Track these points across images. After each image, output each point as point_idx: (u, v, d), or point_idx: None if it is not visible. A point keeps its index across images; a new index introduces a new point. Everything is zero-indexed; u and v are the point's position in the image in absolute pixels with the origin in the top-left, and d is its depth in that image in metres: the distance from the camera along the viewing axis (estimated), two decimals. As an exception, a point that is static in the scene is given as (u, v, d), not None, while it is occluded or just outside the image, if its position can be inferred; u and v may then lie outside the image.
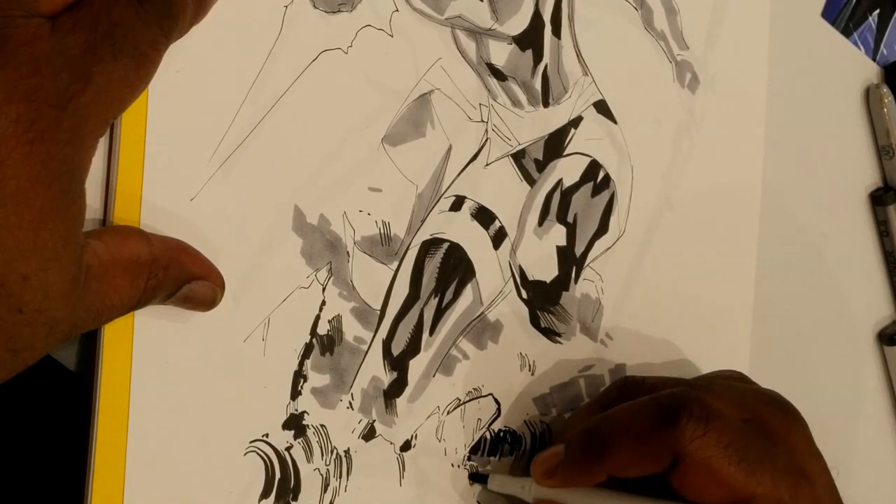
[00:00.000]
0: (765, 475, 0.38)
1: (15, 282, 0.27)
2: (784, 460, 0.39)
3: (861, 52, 0.63)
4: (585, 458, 0.40)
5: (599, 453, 0.40)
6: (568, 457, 0.41)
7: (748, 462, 0.38)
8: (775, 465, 0.39)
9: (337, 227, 0.39)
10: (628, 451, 0.39)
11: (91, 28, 0.29)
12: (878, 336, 0.65)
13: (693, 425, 0.38)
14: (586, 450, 0.40)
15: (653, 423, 0.39)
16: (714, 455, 0.38)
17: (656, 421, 0.39)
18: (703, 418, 0.38)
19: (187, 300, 0.33)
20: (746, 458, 0.38)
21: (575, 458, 0.41)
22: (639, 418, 0.40)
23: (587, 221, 0.47)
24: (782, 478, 0.38)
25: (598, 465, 0.40)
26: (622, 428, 0.40)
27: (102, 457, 0.33)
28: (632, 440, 0.39)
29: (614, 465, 0.40)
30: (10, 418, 0.35)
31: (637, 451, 0.39)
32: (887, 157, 0.64)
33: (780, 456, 0.39)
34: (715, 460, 0.38)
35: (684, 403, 0.39)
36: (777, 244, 0.57)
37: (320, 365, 0.38)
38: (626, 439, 0.39)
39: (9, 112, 0.27)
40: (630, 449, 0.39)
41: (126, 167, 0.33)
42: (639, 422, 0.39)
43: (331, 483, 0.39)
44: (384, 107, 0.40)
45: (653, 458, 0.39)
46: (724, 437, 0.38)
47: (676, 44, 0.51)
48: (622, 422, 0.40)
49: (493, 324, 0.44)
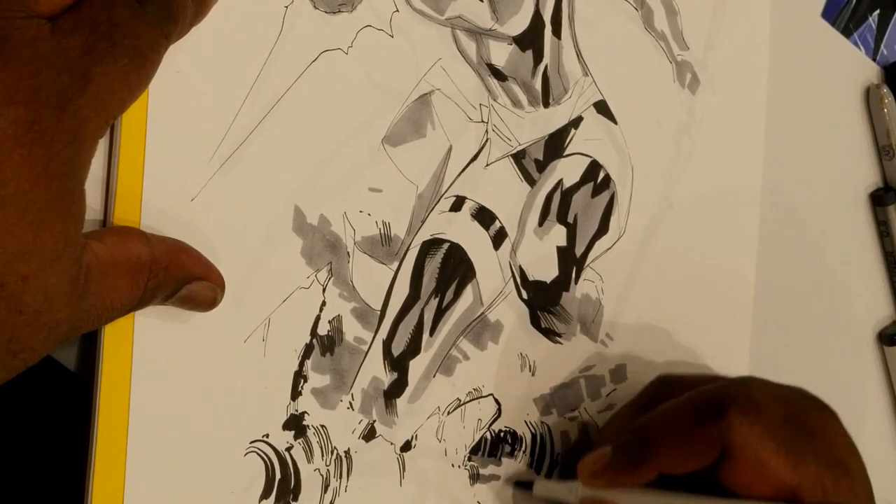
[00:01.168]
0: (809, 465, 0.39)
1: (15, 283, 0.27)
2: (825, 451, 0.40)
3: (861, 52, 0.63)
4: (634, 458, 0.41)
5: (648, 452, 0.40)
6: (616, 457, 0.41)
7: (794, 453, 0.39)
8: (818, 456, 0.39)
9: (337, 228, 0.39)
10: (677, 447, 0.40)
11: (91, 29, 0.28)
12: (878, 336, 0.65)
13: (740, 418, 0.39)
14: (635, 449, 0.41)
15: (700, 418, 0.39)
16: (761, 446, 0.38)
17: (703, 415, 0.39)
18: (749, 411, 0.39)
19: (187, 301, 0.33)
20: (792, 449, 0.39)
21: (623, 458, 0.41)
22: (685, 413, 0.40)
23: (587, 222, 0.47)
24: (824, 468, 0.39)
25: (648, 464, 0.40)
26: (669, 425, 0.40)
27: (102, 457, 0.33)
28: (680, 436, 0.40)
29: (664, 463, 0.40)
30: (10, 418, 0.35)
31: (686, 447, 0.40)
32: (887, 157, 0.64)
33: (821, 447, 0.40)
34: (762, 451, 0.38)
35: (730, 397, 0.39)
36: (777, 244, 0.57)
37: (320, 365, 0.38)
38: (674, 435, 0.40)
39: (8, 113, 0.27)
40: (679, 445, 0.40)
41: (126, 167, 0.33)
42: (685, 418, 0.40)
43: (331, 483, 0.39)
44: (384, 107, 0.40)
45: (701, 452, 0.39)
46: (770, 428, 0.39)
47: (677, 44, 0.51)
48: (670, 419, 0.41)
49: (493, 324, 0.44)
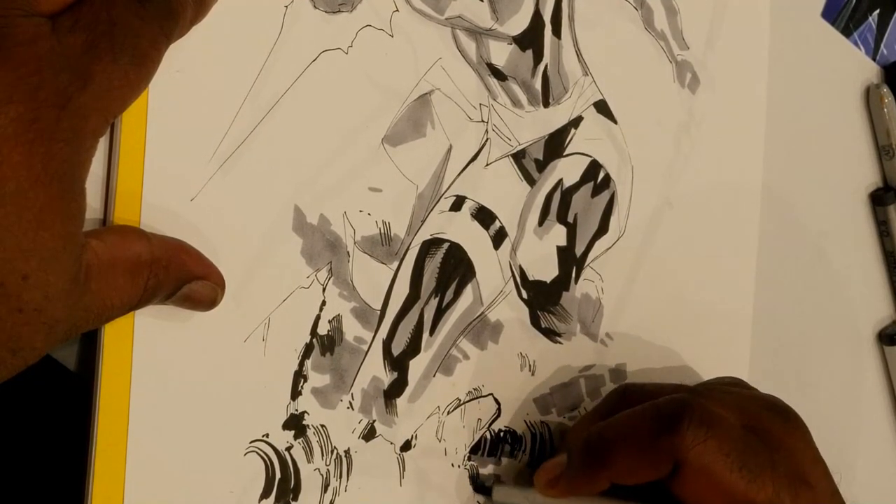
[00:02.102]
0: (766, 481, 0.38)
1: (14, 281, 0.27)
2: (785, 466, 0.39)
3: (861, 52, 0.63)
4: (587, 467, 0.40)
5: (601, 461, 0.40)
6: (570, 466, 0.41)
7: (749, 468, 0.38)
8: (776, 472, 0.38)
9: (337, 227, 0.39)
10: (629, 459, 0.39)
11: (91, 27, 0.29)
12: (878, 336, 0.65)
13: (693, 431, 0.38)
14: (588, 458, 0.40)
15: (653, 430, 0.39)
16: (715, 461, 0.38)
17: (657, 428, 0.39)
18: (704, 424, 0.38)
19: (187, 300, 0.33)
20: (747, 465, 0.38)
21: (577, 467, 0.41)
22: (639, 425, 0.39)
23: (587, 221, 0.47)
24: (783, 484, 0.38)
25: (600, 474, 0.40)
26: (623, 435, 0.40)
27: (102, 457, 0.33)
28: (633, 447, 0.39)
29: (616, 473, 0.40)
30: (10, 418, 0.35)
31: (638, 459, 0.39)
32: (887, 157, 0.64)
33: (780, 462, 0.39)
34: (715, 467, 0.38)
35: (685, 409, 0.39)
36: (777, 244, 0.57)
37: (320, 365, 0.38)
38: (626, 447, 0.39)
39: (9, 111, 0.26)
40: (631, 456, 0.39)
41: (126, 167, 0.33)
42: (639, 429, 0.39)
43: (331, 483, 0.39)
44: (384, 107, 0.40)
45: (654, 464, 0.39)
46: (724, 443, 0.38)
47: (676, 44, 0.51)
48: (623, 429, 0.40)
49: (493, 324, 0.44)
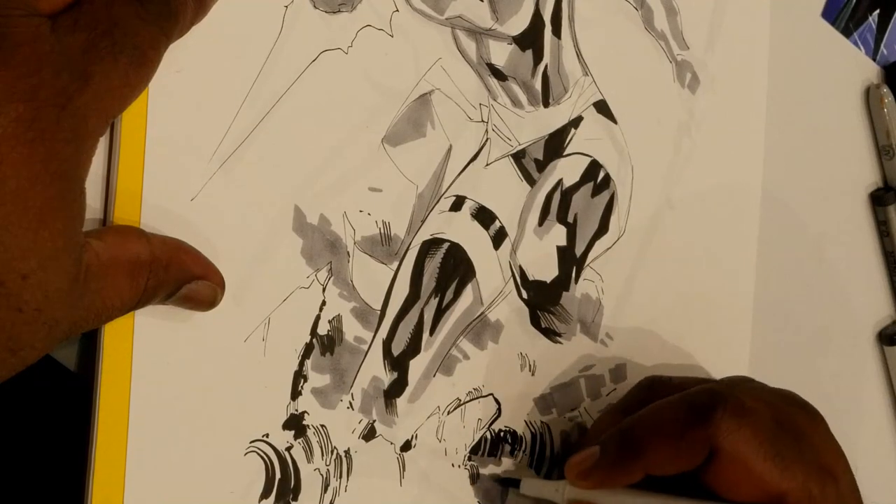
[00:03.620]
0: (796, 471, 0.38)
1: (14, 281, 0.27)
2: (812, 457, 0.40)
3: (861, 52, 0.63)
4: (622, 458, 0.41)
5: (636, 452, 0.40)
6: (604, 457, 0.41)
7: (781, 457, 0.38)
8: (805, 462, 0.39)
9: (337, 227, 0.39)
10: (665, 449, 0.40)
11: (91, 27, 0.29)
12: (878, 336, 0.65)
13: (728, 420, 0.38)
14: (622, 449, 0.41)
15: (688, 420, 0.39)
16: (749, 450, 0.38)
17: (692, 417, 0.39)
18: (738, 414, 0.39)
19: (187, 300, 0.33)
20: (780, 454, 0.38)
21: (611, 459, 0.41)
22: (674, 415, 0.40)
23: (587, 221, 0.47)
24: (812, 474, 0.39)
25: (635, 465, 0.40)
26: (658, 426, 0.40)
27: (102, 457, 0.33)
28: (668, 437, 0.39)
29: (651, 464, 0.40)
30: (10, 418, 0.35)
31: (673, 448, 0.39)
32: (887, 157, 0.64)
33: (808, 453, 0.40)
34: (749, 455, 0.38)
35: (719, 399, 0.39)
36: (777, 244, 0.57)
37: (320, 365, 0.38)
38: (662, 437, 0.40)
39: (9, 111, 0.26)
40: (666, 446, 0.39)
41: (126, 167, 0.33)
42: (674, 418, 0.40)
43: (331, 483, 0.39)
44: (384, 107, 0.40)
45: (689, 454, 0.39)
46: (758, 432, 0.39)
47: (676, 44, 0.51)
48: (657, 420, 0.40)
49: (493, 324, 0.44)
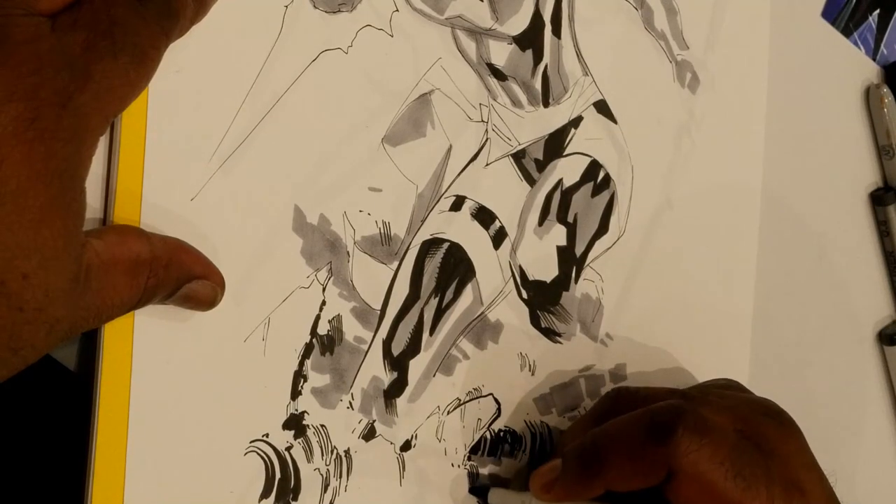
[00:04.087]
0: (760, 489, 0.38)
1: (15, 280, 0.27)
2: (779, 473, 0.39)
3: (861, 52, 0.63)
4: (582, 474, 0.40)
5: (595, 468, 0.40)
6: (565, 472, 0.41)
7: (743, 476, 0.38)
8: (770, 479, 0.38)
9: (337, 227, 0.39)
10: (623, 466, 0.39)
11: (91, 26, 0.29)
12: (878, 336, 0.65)
13: (687, 439, 0.38)
14: (582, 465, 0.40)
15: (647, 438, 0.38)
16: (709, 470, 0.37)
17: (650, 435, 0.38)
18: (698, 432, 0.38)
19: (187, 300, 0.33)
20: (742, 473, 0.38)
21: (572, 473, 0.40)
22: (633, 433, 0.39)
23: (587, 221, 0.47)
24: (777, 491, 0.38)
25: (595, 480, 0.40)
26: (616, 443, 0.39)
27: (102, 457, 0.33)
28: (626, 455, 0.39)
29: (610, 480, 0.39)
30: (10, 418, 0.35)
31: (632, 466, 0.39)
32: (887, 157, 0.64)
33: (775, 468, 0.39)
34: (710, 475, 0.37)
35: (678, 417, 0.38)
36: (777, 244, 0.57)
37: (320, 365, 0.38)
38: (620, 454, 0.39)
39: (9, 110, 0.27)
40: (625, 464, 0.39)
41: (126, 167, 0.33)
42: (633, 436, 0.39)
43: (331, 483, 0.39)
44: (384, 107, 0.40)
45: (648, 472, 0.38)
46: (719, 451, 0.38)
47: (676, 44, 0.51)
48: (616, 436, 0.40)
49: (493, 324, 0.44)
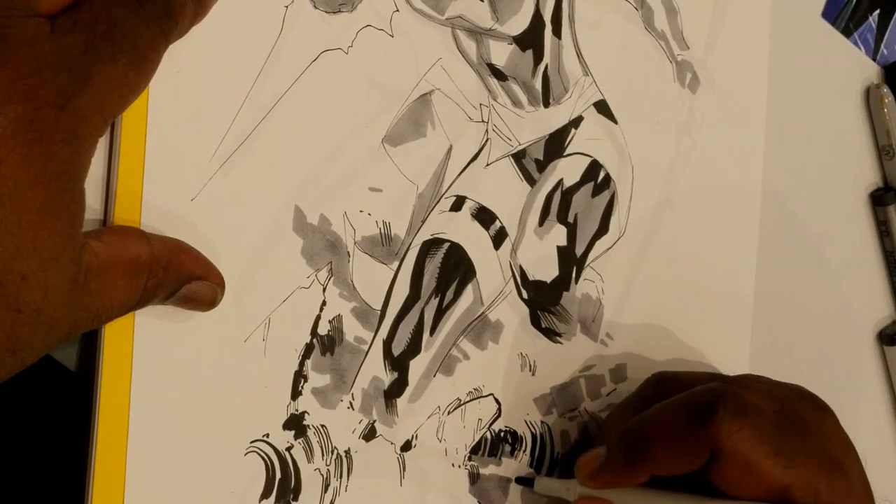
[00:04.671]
0: (801, 467, 0.38)
1: (13, 281, 0.27)
2: (819, 451, 0.39)
3: (861, 52, 0.63)
4: (627, 460, 0.41)
5: (640, 454, 0.40)
6: (610, 458, 0.41)
7: (784, 455, 0.38)
8: (811, 457, 0.39)
9: (337, 228, 0.39)
10: (668, 451, 0.39)
11: (90, 28, 0.29)
12: (878, 336, 0.65)
13: (729, 420, 0.38)
14: (627, 451, 0.41)
15: (690, 421, 0.39)
16: (751, 449, 0.38)
17: (693, 418, 0.39)
18: (739, 413, 0.38)
19: (187, 300, 0.33)
20: (783, 451, 0.38)
21: (617, 460, 0.41)
22: (676, 417, 0.40)
23: (588, 221, 0.47)
24: (818, 469, 0.39)
25: (640, 466, 0.40)
26: (660, 428, 0.40)
27: (102, 457, 0.33)
28: (671, 439, 0.39)
29: (655, 465, 0.40)
30: (10, 418, 0.35)
31: (676, 450, 0.39)
32: (887, 157, 0.64)
33: (814, 447, 0.39)
34: (752, 454, 0.38)
35: (720, 399, 0.39)
36: (777, 244, 0.57)
37: (321, 365, 0.38)
38: (665, 438, 0.40)
39: (8, 112, 0.26)
40: (669, 448, 0.39)
41: (126, 167, 0.33)
42: (676, 420, 0.40)
43: (331, 483, 0.39)
44: (384, 107, 0.40)
45: (692, 455, 0.39)
46: (759, 430, 0.38)
47: (677, 44, 0.51)
48: (660, 421, 0.40)
49: (493, 324, 0.44)
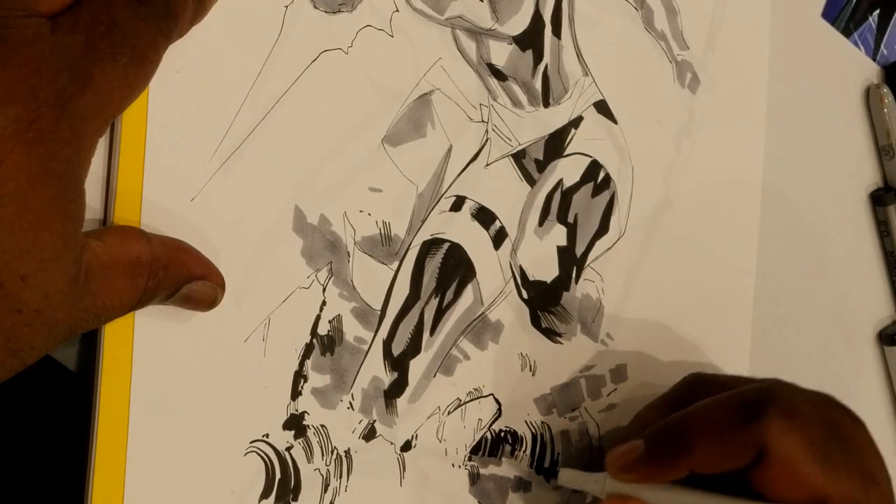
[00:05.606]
0: (842, 476, 0.38)
1: (14, 282, 0.27)
2: (857, 462, 0.39)
3: (861, 52, 0.63)
4: (668, 453, 0.40)
5: (684, 448, 0.40)
6: (649, 451, 0.40)
7: (828, 461, 0.38)
8: (851, 467, 0.39)
9: (337, 228, 0.39)
10: (714, 446, 0.39)
11: (90, 28, 0.29)
12: (878, 336, 0.65)
13: (779, 420, 0.38)
14: (669, 444, 0.40)
15: (738, 418, 0.39)
16: (798, 452, 0.38)
17: (742, 415, 0.39)
18: (789, 414, 0.38)
19: (187, 300, 0.33)
20: (827, 458, 0.38)
21: (656, 453, 0.40)
22: (724, 413, 0.39)
23: (588, 221, 0.47)
24: (857, 480, 0.38)
25: (681, 460, 0.40)
26: (708, 422, 0.40)
27: (102, 457, 0.33)
28: (718, 434, 0.39)
29: (698, 460, 0.39)
30: (10, 418, 0.35)
31: (722, 446, 0.39)
32: (887, 157, 0.64)
33: (853, 457, 0.39)
34: (798, 457, 0.38)
35: (772, 397, 0.39)
36: (777, 244, 0.57)
37: (321, 365, 0.38)
38: (711, 433, 0.39)
39: (8, 112, 0.27)
40: (716, 443, 0.39)
41: (126, 167, 0.33)
42: (724, 416, 0.39)
43: (331, 483, 0.39)
44: (384, 107, 0.40)
45: (737, 453, 0.39)
46: (807, 434, 0.38)
47: (677, 44, 0.51)
48: (707, 416, 0.40)
49: (493, 324, 0.44)
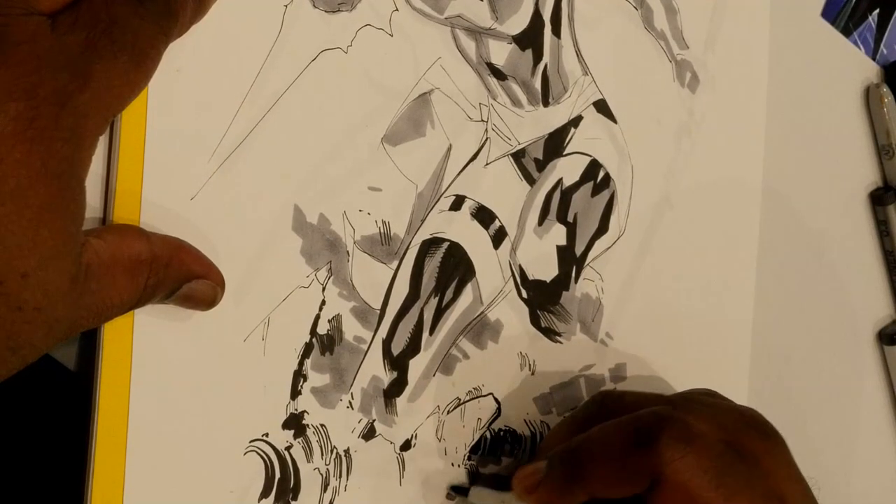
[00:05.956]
0: (742, 500, 0.37)
1: (14, 280, 0.27)
2: (762, 485, 0.38)
3: (861, 51, 0.63)
4: (566, 478, 0.39)
5: (580, 474, 0.39)
6: (549, 476, 0.40)
7: (726, 486, 0.37)
8: (752, 489, 0.38)
9: (337, 227, 0.39)
10: (607, 473, 0.38)
11: (91, 26, 0.29)
12: (878, 336, 0.65)
13: (672, 447, 0.37)
14: (567, 469, 0.39)
15: (631, 444, 0.38)
16: (692, 478, 0.37)
17: (635, 442, 0.38)
18: (682, 439, 0.37)
19: (187, 299, 0.33)
20: (724, 483, 0.37)
21: (556, 478, 0.40)
22: (618, 438, 0.39)
23: (587, 221, 0.47)
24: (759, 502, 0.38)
25: (579, 486, 0.39)
26: (601, 449, 0.39)
27: (102, 457, 0.33)
28: (610, 461, 0.38)
29: (594, 486, 0.39)
30: (10, 418, 0.35)
31: (615, 473, 0.38)
32: (887, 157, 0.64)
33: (757, 479, 0.38)
34: (693, 483, 0.37)
35: (664, 424, 0.38)
36: (777, 244, 0.57)
37: (320, 364, 0.38)
38: (604, 461, 0.38)
39: (8, 110, 0.27)
40: (608, 470, 0.38)
41: (126, 167, 0.33)
42: (617, 442, 0.38)
43: (331, 482, 0.39)
44: (384, 106, 0.40)
45: (631, 479, 0.38)
46: (703, 459, 0.37)
47: (676, 43, 0.51)
48: (600, 443, 0.39)
49: (493, 323, 0.44)
